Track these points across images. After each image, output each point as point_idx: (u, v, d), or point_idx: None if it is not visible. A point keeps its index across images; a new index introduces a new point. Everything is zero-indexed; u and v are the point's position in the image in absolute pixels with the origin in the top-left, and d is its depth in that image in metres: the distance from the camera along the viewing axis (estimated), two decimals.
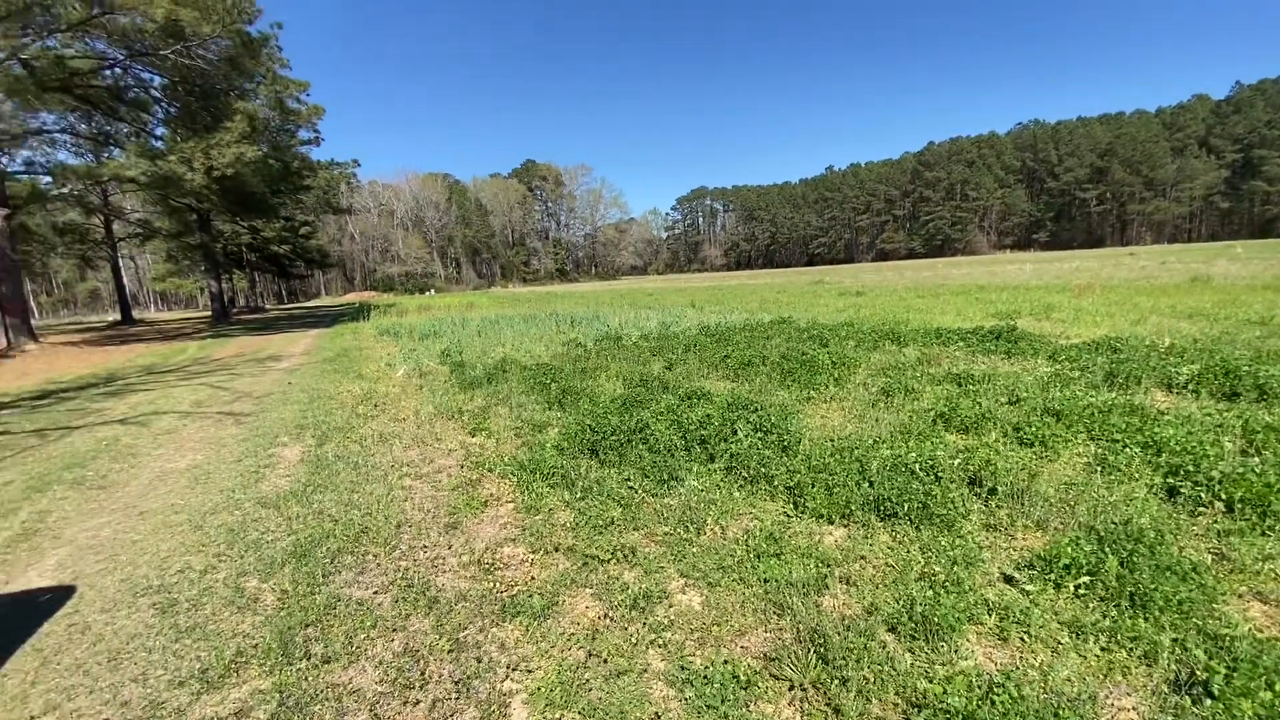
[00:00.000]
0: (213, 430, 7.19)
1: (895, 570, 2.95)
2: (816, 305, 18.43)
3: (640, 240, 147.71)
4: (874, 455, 4.18)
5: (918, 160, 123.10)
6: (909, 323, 11.78)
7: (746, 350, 9.07)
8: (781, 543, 3.22)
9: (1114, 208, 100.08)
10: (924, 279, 31.15)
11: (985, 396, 5.72)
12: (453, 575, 3.28)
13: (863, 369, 7.53)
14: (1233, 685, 1.91)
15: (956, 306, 14.85)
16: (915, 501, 3.45)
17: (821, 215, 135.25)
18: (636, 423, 5.11)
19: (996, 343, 8.56)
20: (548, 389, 7.42)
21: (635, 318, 17.12)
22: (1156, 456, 3.97)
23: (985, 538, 3.26)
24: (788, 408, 5.71)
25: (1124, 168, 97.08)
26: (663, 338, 12.09)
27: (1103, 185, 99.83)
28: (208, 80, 22.72)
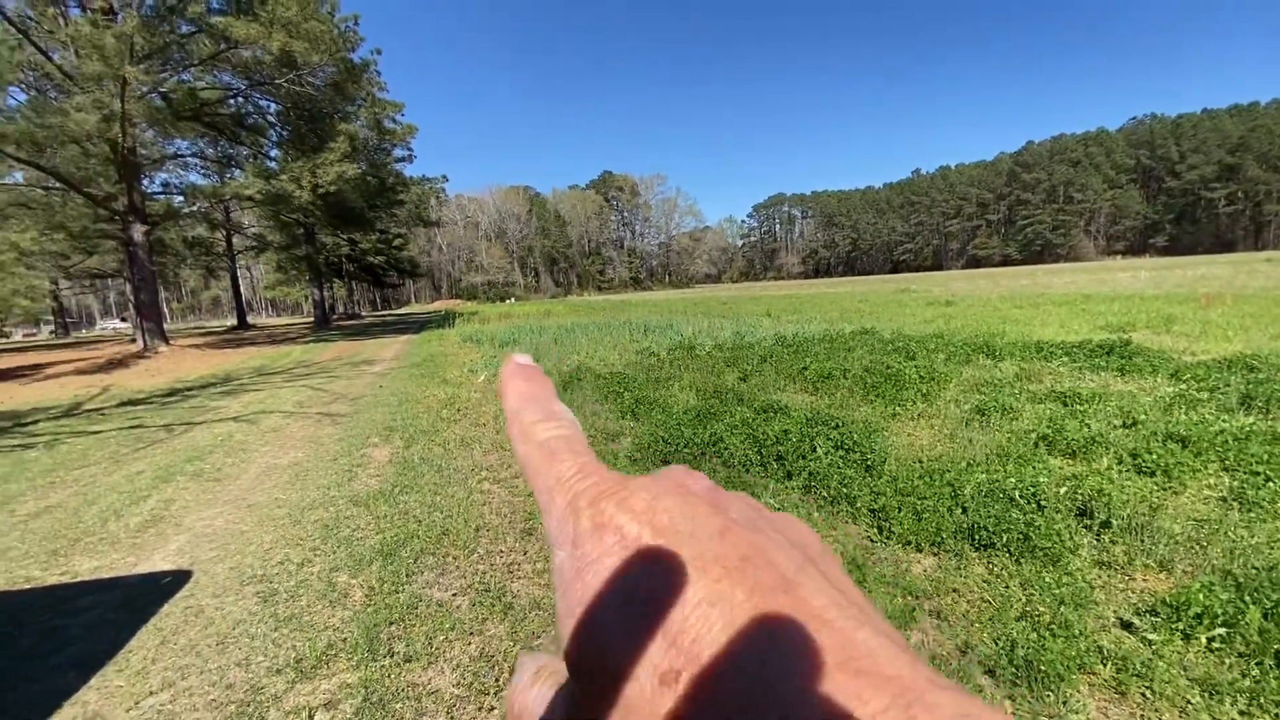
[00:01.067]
0: (312, 429, 7.71)
1: (993, 606, 2.72)
2: (902, 315, 17.60)
3: (715, 248, 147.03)
4: (967, 479, 3.90)
5: (1015, 160, 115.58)
6: (1005, 335, 11.01)
7: (826, 362, 8.77)
8: (865, 569, 3.05)
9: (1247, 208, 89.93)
10: (1021, 287, 29.11)
11: (1095, 418, 5.23)
12: (527, 582, 3.32)
13: (954, 384, 7.09)
14: None
15: (1059, 318, 13.76)
16: (1015, 532, 3.18)
17: (907, 220, 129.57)
18: (710, 436, 5.04)
19: (1108, 358, 7.84)
20: (621, 398, 7.46)
21: (709, 327, 16.99)
22: None
23: (1098, 576, 2.96)
24: (871, 424, 5.44)
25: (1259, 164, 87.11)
26: (737, 348, 11.91)
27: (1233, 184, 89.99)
28: (315, 105, 24.67)
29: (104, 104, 17.23)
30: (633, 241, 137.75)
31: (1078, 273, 47.22)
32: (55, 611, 3.37)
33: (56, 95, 19.74)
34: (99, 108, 17.21)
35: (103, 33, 16.38)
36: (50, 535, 4.55)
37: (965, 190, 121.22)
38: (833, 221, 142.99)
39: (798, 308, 24.80)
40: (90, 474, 6.24)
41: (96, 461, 6.76)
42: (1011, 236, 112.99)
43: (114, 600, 3.46)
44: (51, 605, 3.44)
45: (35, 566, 4.00)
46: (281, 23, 19.01)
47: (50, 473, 6.38)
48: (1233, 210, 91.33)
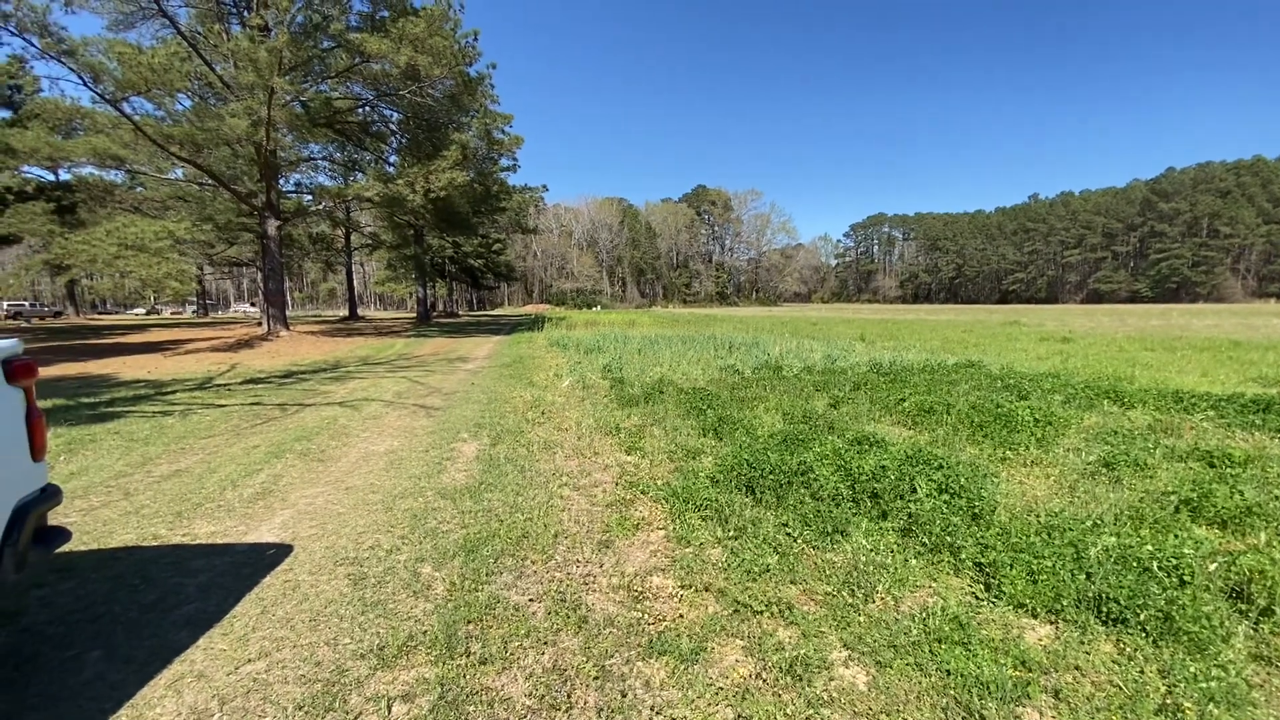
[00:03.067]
0: (408, 420, 8.11)
1: (1124, 693, 2.38)
2: (1011, 349, 16.33)
3: (806, 266, 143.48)
4: (1092, 540, 3.47)
5: (1150, 189, 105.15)
6: (1135, 380, 9.93)
7: (927, 395, 8.23)
8: (969, 630, 2.77)
9: None
10: (1153, 328, 26.29)
11: (1250, 484, 4.55)
12: (602, 596, 3.27)
13: (1073, 431, 6.43)
14: None
15: (1201, 365, 12.25)
16: (1153, 608, 2.78)
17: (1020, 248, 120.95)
18: (798, 464, 4.81)
19: (1264, 415, 6.85)
20: (703, 415, 7.33)
21: (797, 347, 16.49)
22: None
23: (1256, 672, 2.53)
24: (978, 467, 5.01)
25: None
26: (828, 372, 11.46)
27: None
28: (433, 115, 26.34)
29: (254, 110, 19.20)
30: (721, 256, 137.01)
31: (1223, 315, 42.08)
32: (176, 570, 3.68)
33: (215, 102, 22.24)
34: (249, 114, 19.20)
35: (258, 47, 18.29)
36: (177, 497, 5.01)
37: (1090, 219, 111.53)
38: (936, 245, 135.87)
39: (894, 333, 23.62)
40: (215, 444, 6.85)
41: (220, 433, 7.42)
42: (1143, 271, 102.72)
43: (225, 565, 3.73)
44: (174, 564, 3.76)
45: (163, 525, 4.40)
46: (409, 38, 20.47)
47: (182, 439, 7.07)
48: None
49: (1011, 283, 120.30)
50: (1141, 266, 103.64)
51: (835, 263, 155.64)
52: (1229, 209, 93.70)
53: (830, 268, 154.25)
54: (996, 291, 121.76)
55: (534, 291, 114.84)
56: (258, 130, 19.82)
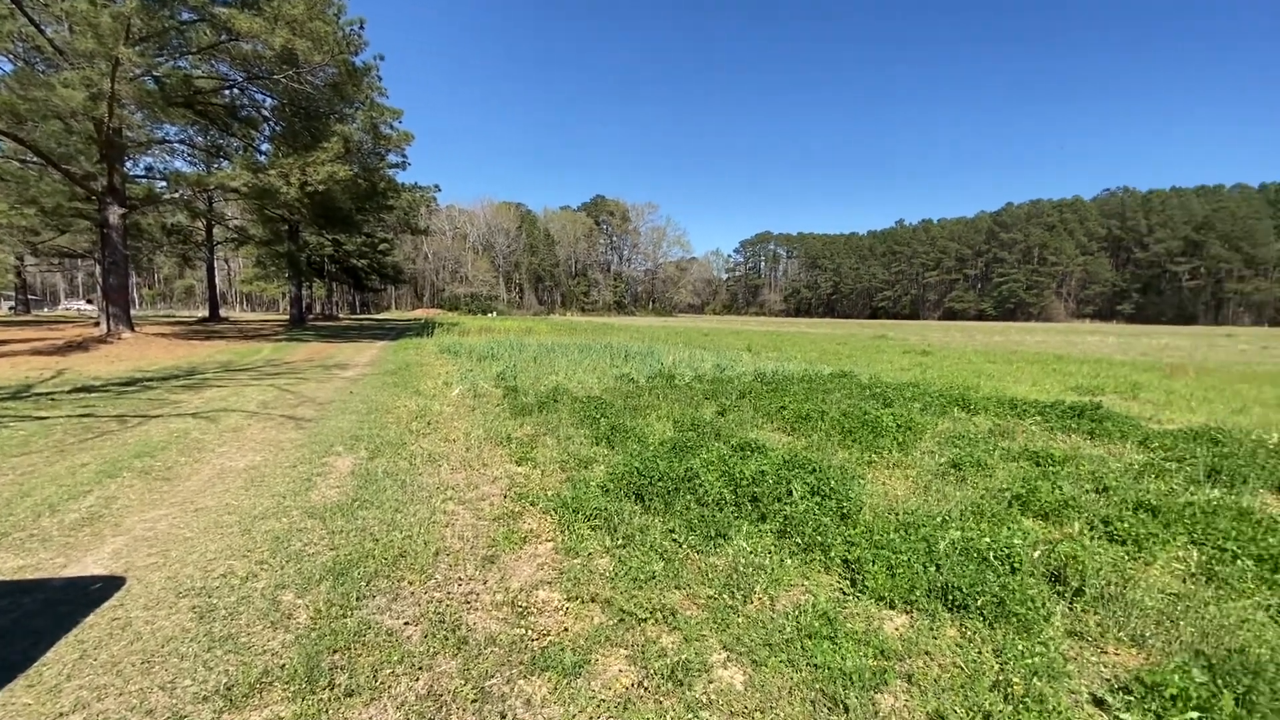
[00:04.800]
0: (274, 433, 7.43)
1: (965, 673, 2.64)
2: (879, 361, 17.80)
3: (700, 279, 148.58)
4: (942, 535, 3.84)
5: (994, 220, 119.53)
6: (980, 389, 11.16)
7: (804, 403, 8.76)
8: (836, 624, 2.96)
9: (1209, 284, 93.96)
10: (995, 343, 29.77)
11: (1067, 481, 5.25)
12: (484, 614, 3.16)
13: (929, 435, 7.11)
14: None
15: (1031, 376, 14.03)
16: (990, 595, 3.12)
17: (888, 269, 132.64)
18: (686, 471, 4.93)
19: (1079, 420, 7.96)
20: (597, 424, 7.33)
21: (689, 357, 16.98)
22: (1273, 574, 3.49)
23: (1071, 647, 2.90)
24: (848, 471, 5.40)
25: (1222, 243, 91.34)
26: (717, 381, 11.88)
27: (1197, 260, 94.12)
28: (312, 103, 24.51)
29: (93, 82, 16.89)
30: (619, 266, 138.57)
31: (1049, 333, 48.55)
32: None
33: (45, 69, 19.33)
34: (87, 85, 16.85)
35: (100, 10, 16.12)
36: None
37: (945, 244, 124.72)
38: (816, 263, 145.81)
39: (778, 345, 24.98)
40: (30, 463, 5.89)
41: (39, 450, 6.39)
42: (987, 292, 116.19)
43: (34, 605, 3.20)
44: None
45: None
46: (286, 19, 18.94)
47: None
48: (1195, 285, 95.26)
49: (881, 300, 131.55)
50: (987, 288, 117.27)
51: (726, 276, 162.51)
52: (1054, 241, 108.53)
53: (721, 281, 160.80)
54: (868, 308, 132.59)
55: (425, 295, 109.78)
56: (98, 105, 17.43)
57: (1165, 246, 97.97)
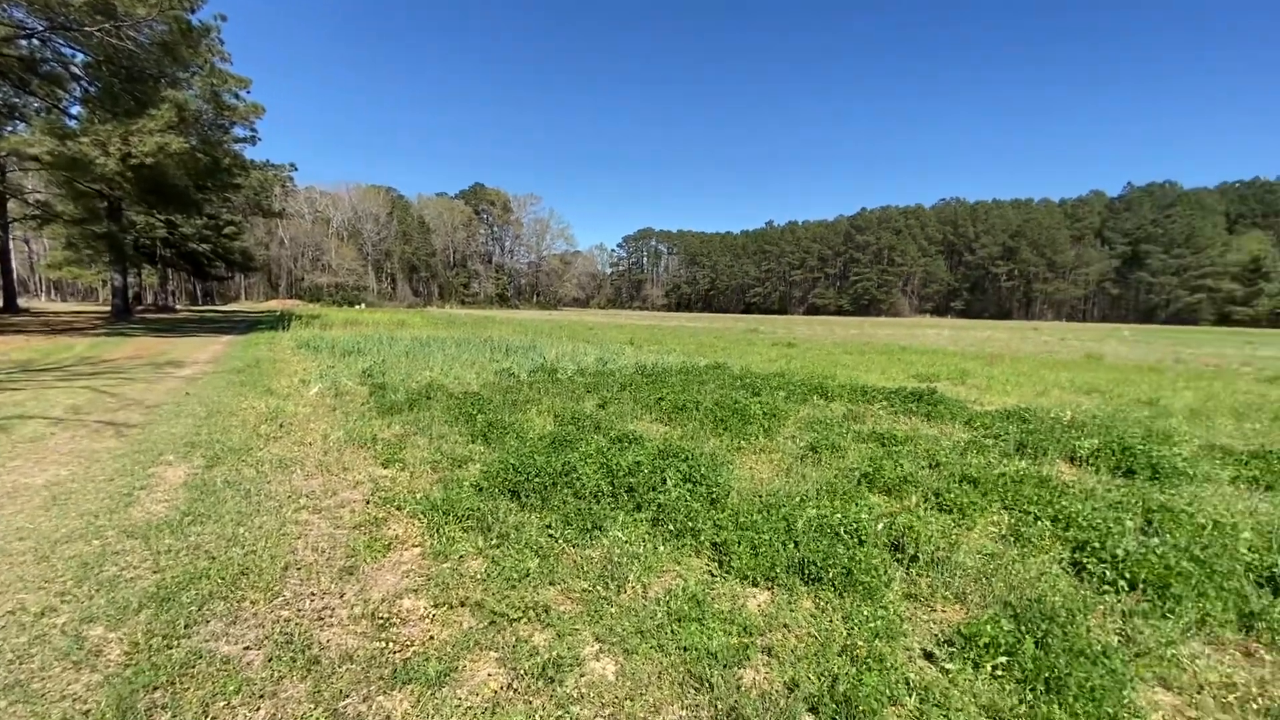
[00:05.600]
0: (86, 442, 6.40)
1: (818, 642, 2.85)
2: (750, 353, 18.81)
3: (584, 273, 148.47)
4: (800, 514, 4.12)
5: (850, 224, 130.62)
6: (836, 378, 12.14)
7: (681, 394, 9.03)
8: (704, 606, 3.07)
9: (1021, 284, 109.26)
10: (851, 336, 32.58)
11: (907, 459, 5.84)
12: (340, 630, 2.93)
13: (791, 422, 7.61)
14: None
15: (880, 365, 15.50)
16: (840, 566, 3.39)
17: (759, 267, 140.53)
18: (564, 465, 4.89)
19: (918, 404, 8.90)
20: (473, 420, 7.08)
21: (573, 351, 16.92)
22: (1065, 531, 4.11)
23: (907, 608, 3.23)
24: (718, 457, 5.64)
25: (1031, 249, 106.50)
26: (599, 374, 11.93)
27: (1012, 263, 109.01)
28: (136, 63, 21.36)
29: None
30: (501, 257, 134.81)
31: (896, 327, 54.00)
32: None
33: None
34: None
35: None
36: None
37: (809, 245, 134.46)
38: (695, 260, 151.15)
39: (659, 338, 25.60)
40: None
41: None
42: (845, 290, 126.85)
43: None
44: None
45: None
46: None
47: None
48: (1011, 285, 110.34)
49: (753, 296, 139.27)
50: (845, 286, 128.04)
51: (610, 271, 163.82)
52: (901, 244, 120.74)
53: (606, 275, 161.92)
54: (742, 303, 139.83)
55: (281, 285, 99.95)
56: None
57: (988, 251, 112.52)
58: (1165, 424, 7.97)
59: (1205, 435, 7.43)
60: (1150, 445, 6.15)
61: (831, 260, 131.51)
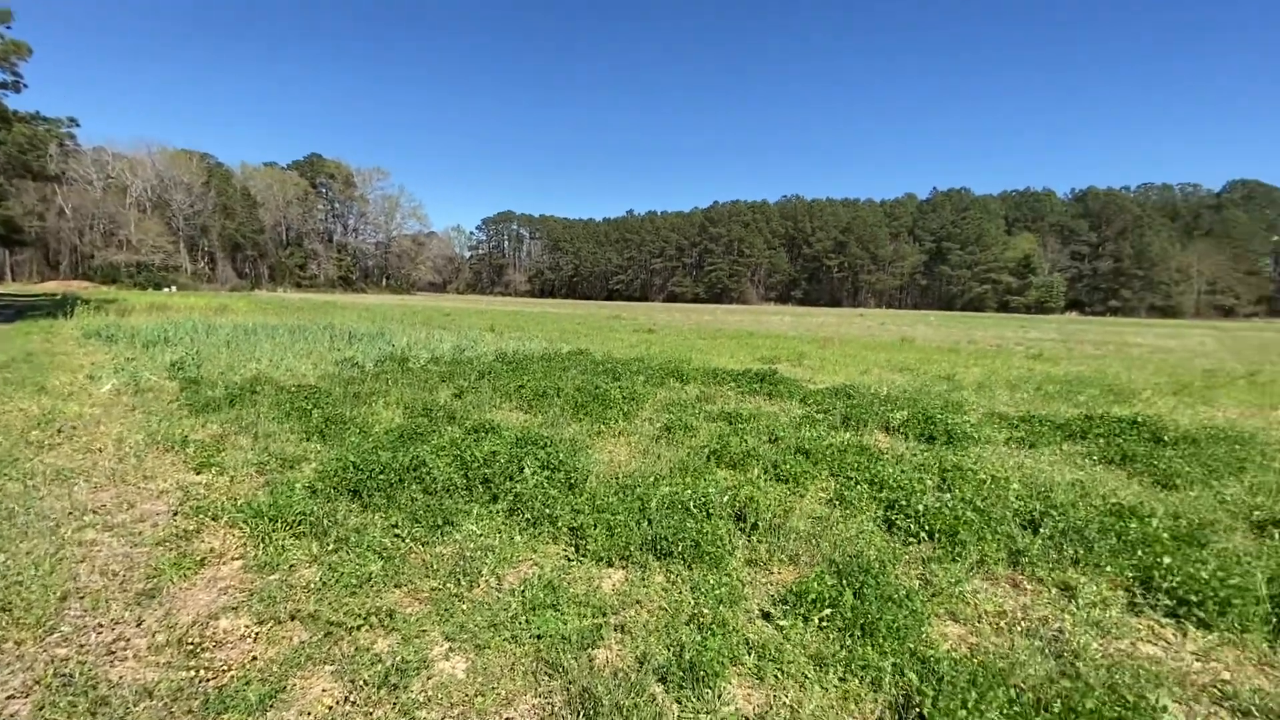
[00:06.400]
0: None
1: (668, 614, 2.98)
2: (612, 339, 19.10)
3: (440, 256, 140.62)
4: (654, 493, 4.28)
5: (705, 216, 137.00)
6: (691, 362, 12.72)
7: (543, 381, 8.94)
8: (559, 591, 3.08)
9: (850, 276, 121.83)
10: (705, 322, 34.30)
11: (751, 435, 6.29)
12: (138, 663, 2.53)
13: (649, 404, 7.86)
14: (939, 707, 2.21)
15: (730, 350, 16.50)
16: (689, 540, 3.57)
17: (621, 254, 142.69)
18: (413, 459, 4.63)
19: (761, 384, 9.60)
20: (308, 416, 6.46)
21: (427, 338, 16.04)
22: (879, 492, 4.66)
23: (748, 574, 3.48)
24: (578, 443, 5.67)
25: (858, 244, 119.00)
26: (456, 362, 11.43)
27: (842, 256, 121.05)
28: None
29: None
30: (345, 237, 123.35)
31: (745, 314, 57.75)
32: None
33: None
34: None
35: None
36: None
37: (668, 235, 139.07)
38: (558, 246, 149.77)
39: (521, 325, 25.09)
40: None
41: None
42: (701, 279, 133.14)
43: None
44: None
45: None
46: None
47: None
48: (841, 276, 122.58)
49: (616, 283, 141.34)
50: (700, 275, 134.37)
51: (470, 255, 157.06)
52: (749, 236, 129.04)
53: (464, 259, 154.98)
54: (605, 290, 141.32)
55: (62, 263, 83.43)
56: None
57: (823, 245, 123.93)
58: (959, 396, 9.35)
59: (988, 404, 8.83)
60: (947, 415, 7.18)
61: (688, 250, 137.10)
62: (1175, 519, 4.26)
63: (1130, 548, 3.64)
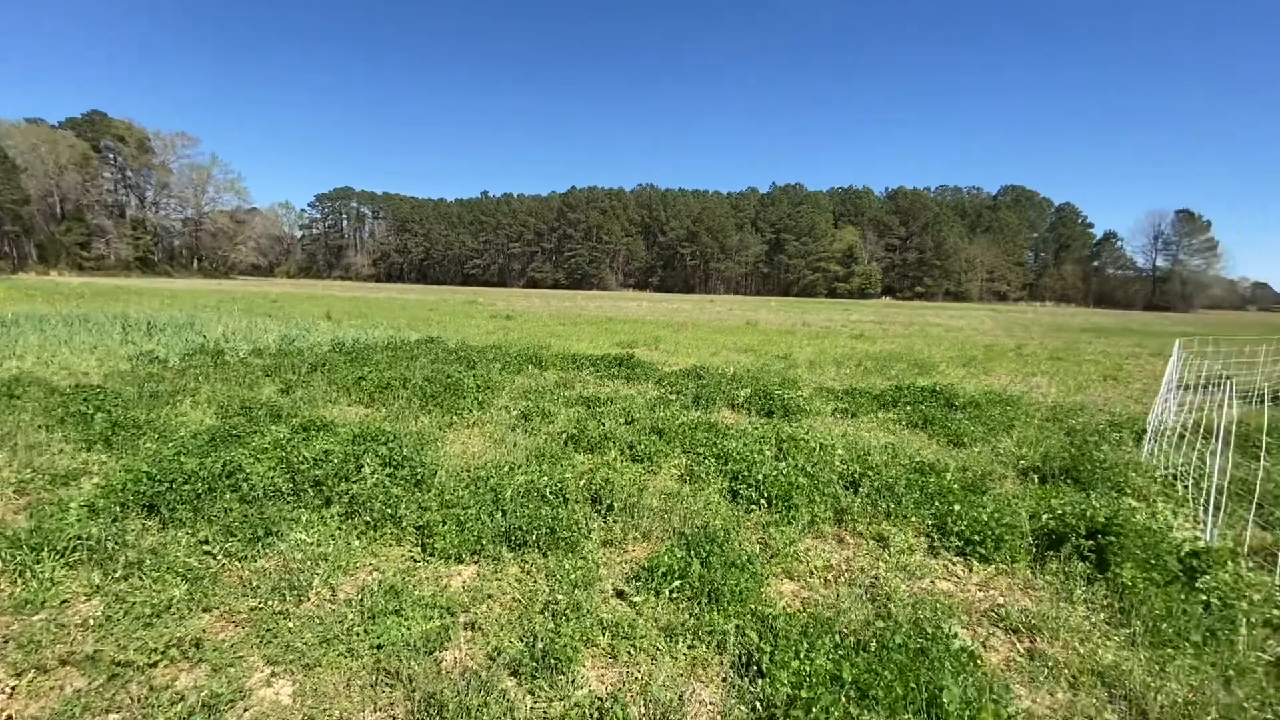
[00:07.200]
0: None
1: (522, 604, 2.92)
2: (468, 326, 18.32)
3: (266, 236, 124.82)
4: (509, 482, 4.16)
5: (563, 201, 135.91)
6: (551, 348, 12.59)
7: (387, 372, 8.32)
8: (403, 595, 2.88)
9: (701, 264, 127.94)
10: (566, 308, 34.14)
11: (609, 418, 6.36)
12: None
13: (506, 392, 7.64)
14: (776, 660, 2.39)
15: (590, 335, 16.58)
16: (545, 527, 3.52)
17: (477, 237, 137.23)
18: (226, 465, 4.07)
19: (620, 369, 9.76)
20: (88, 421, 5.44)
21: (248, 328, 14.24)
22: (725, 465, 4.94)
23: (603, 555, 3.51)
24: (426, 435, 5.35)
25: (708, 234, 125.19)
26: (283, 355, 10.26)
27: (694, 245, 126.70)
28: None
29: None
30: (142, 211, 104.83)
31: (605, 300, 58.37)
32: None
33: None
34: None
35: None
36: None
37: (525, 219, 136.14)
38: (405, 227, 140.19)
39: (364, 311, 23.18)
40: None
41: None
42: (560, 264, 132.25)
43: None
44: None
45: None
46: None
47: None
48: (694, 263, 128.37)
49: (472, 267, 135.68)
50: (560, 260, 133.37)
51: (302, 234, 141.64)
52: (607, 223, 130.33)
53: (295, 239, 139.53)
54: (460, 274, 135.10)
55: None
56: None
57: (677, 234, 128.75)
58: (794, 373, 10.21)
59: (818, 380, 9.74)
60: (784, 390, 7.80)
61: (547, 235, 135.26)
62: (964, 471, 5.00)
63: (930, 499, 4.21)
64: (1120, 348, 18.27)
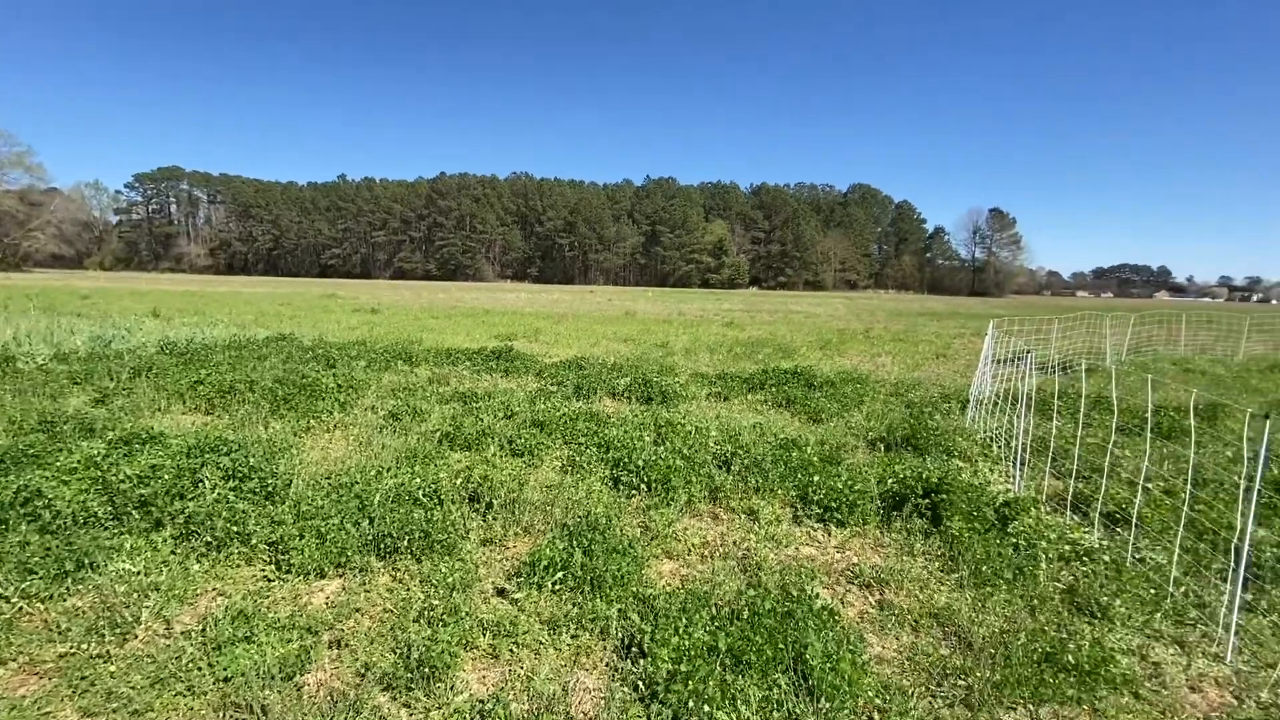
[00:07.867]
0: None
1: (395, 615, 2.76)
2: (326, 321, 16.88)
3: (71, 221, 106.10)
4: (377, 487, 3.90)
5: (432, 187, 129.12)
6: (423, 342, 11.96)
7: (230, 374, 7.45)
8: (255, 619, 2.60)
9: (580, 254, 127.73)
10: (439, 301, 32.55)
11: (487, 413, 6.17)
12: None
13: (372, 391, 7.16)
14: (656, 639, 2.45)
15: (466, 328, 15.97)
16: (418, 531, 3.34)
17: (335, 225, 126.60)
18: (19, 491, 3.43)
19: (498, 362, 9.49)
20: None
21: (49, 328, 12.07)
22: (606, 453, 4.98)
23: (483, 554, 3.41)
24: (278, 443, 4.86)
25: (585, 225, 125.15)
26: (97, 358, 8.85)
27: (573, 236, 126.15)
28: None
29: None
30: None
31: (481, 291, 56.49)
32: None
33: None
34: None
35: None
36: None
37: (390, 205, 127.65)
38: (249, 213, 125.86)
39: (201, 307, 20.56)
40: None
41: None
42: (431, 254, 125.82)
43: None
44: None
45: None
46: None
47: None
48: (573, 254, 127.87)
49: (330, 258, 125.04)
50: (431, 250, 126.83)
51: (118, 220, 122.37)
52: (481, 211, 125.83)
53: (110, 226, 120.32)
54: (317, 265, 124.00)
55: None
56: None
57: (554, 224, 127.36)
58: (671, 360, 10.53)
59: (693, 366, 10.12)
60: (662, 378, 8.02)
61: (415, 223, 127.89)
62: (822, 445, 5.44)
63: (793, 472, 4.53)
64: (949, 329, 20.81)
